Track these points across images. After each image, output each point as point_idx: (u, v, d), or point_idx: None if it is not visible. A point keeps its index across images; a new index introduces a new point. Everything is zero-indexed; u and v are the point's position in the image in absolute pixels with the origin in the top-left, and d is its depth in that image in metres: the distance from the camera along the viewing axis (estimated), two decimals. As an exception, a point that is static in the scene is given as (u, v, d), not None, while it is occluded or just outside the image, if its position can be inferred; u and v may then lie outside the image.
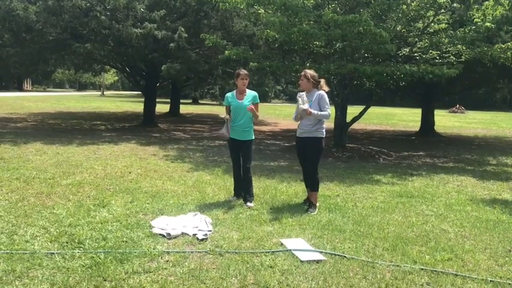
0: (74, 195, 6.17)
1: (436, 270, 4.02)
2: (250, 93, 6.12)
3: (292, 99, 59.63)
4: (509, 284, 3.81)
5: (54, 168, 8.00)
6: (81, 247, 4.25)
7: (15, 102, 29.05)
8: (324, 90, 5.93)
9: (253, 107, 5.97)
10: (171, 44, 13.41)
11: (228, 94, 6.25)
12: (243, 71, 6.13)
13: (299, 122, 6.05)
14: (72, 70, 23.93)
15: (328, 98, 6.03)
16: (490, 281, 3.85)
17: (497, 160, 11.85)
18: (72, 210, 5.46)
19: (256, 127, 7.71)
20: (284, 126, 20.90)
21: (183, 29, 13.41)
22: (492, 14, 10.27)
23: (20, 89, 59.33)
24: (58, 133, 13.79)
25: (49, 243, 4.33)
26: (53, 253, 4.06)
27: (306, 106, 5.74)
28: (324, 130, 5.95)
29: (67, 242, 4.36)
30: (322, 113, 5.80)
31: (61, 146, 10.92)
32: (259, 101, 6.21)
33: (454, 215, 6.00)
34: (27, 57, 14.76)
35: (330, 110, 5.98)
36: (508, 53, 9.96)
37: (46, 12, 13.06)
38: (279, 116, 27.85)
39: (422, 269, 4.05)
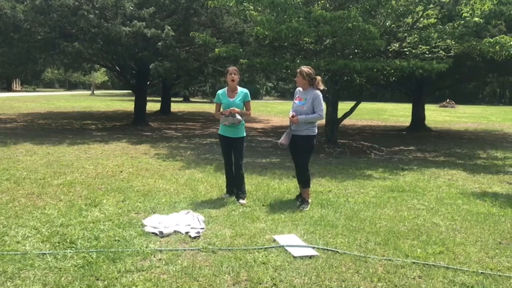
0: (65, 195, 6.14)
1: (427, 264, 4.05)
2: (241, 91, 6.10)
3: (283, 96, 59.71)
4: (500, 275, 3.86)
5: (45, 169, 7.95)
6: (73, 247, 4.23)
7: (4, 103, 28.78)
8: (319, 89, 5.91)
9: (237, 110, 5.94)
10: (159, 43, 13.35)
11: (220, 91, 6.23)
12: (232, 67, 6.11)
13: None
14: (62, 70, 23.76)
15: (323, 96, 6.02)
16: (481, 273, 3.89)
17: (487, 154, 11.96)
18: (64, 210, 5.43)
19: (248, 124, 7.72)
20: (276, 123, 20.92)
21: (169, 28, 13.34)
22: (480, 9, 10.33)
23: (9, 89, 58.75)
24: (48, 133, 13.70)
25: (41, 243, 4.31)
26: (45, 253, 4.04)
27: (291, 113, 5.89)
28: (315, 128, 5.96)
29: (59, 242, 4.34)
30: (311, 116, 5.79)
31: (51, 146, 10.85)
32: (250, 98, 6.18)
33: (445, 208, 6.05)
34: (15, 57, 14.62)
35: (323, 112, 5.98)
36: (497, 47, 10.01)
37: (34, 11, 12.92)
38: (270, 113, 27.86)
39: (414, 262, 4.08)
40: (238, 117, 5.91)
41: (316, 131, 5.98)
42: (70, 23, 13.23)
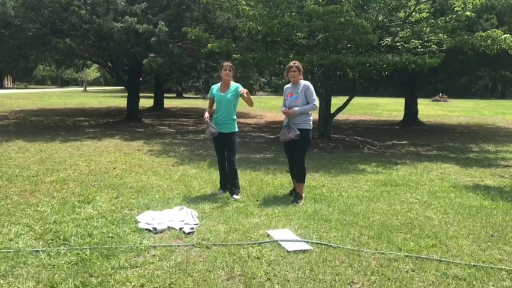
0: (58, 192, 6.11)
1: (420, 257, 4.08)
2: (234, 86, 6.10)
3: (276, 91, 59.67)
4: (492, 267, 3.89)
5: (38, 166, 7.91)
6: (66, 244, 4.22)
7: (-5, 100, 28.57)
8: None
9: (245, 92, 6.03)
10: (152, 39, 13.28)
11: (214, 86, 6.25)
12: (227, 63, 6.14)
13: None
14: (54, 66, 23.59)
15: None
16: (473, 265, 3.92)
17: (479, 147, 12.02)
18: (57, 207, 5.41)
19: (241, 120, 7.71)
20: (269, 118, 20.93)
21: (163, 23, 13.28)
22: (472, 3, 10.37)
23: (1, 86, 58.35)
24: (41, 130, 13.62)
25: (34, 241, 4.29)
26: (38, 251, 4.02)
27: (283, 109, 5.93)
28: (311, 122, 5.95)
29: (52, 240, 4.32)
30: (305, 107, 5.80)
31: (44, 143, 10.79)
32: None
33: (438, 202, 6.09)
34: (6, 54, 14.50)
35: (317, 101, 5.99)
36: (488, 41, 10.05)
37: (24, 7, 12.82)
38: (264, 108, 27.84)
39: (407, 256, 4.10)
40: (211, 130, 5.99)
41: (312, 125, 5.99)
42: (61, 19, 13.13)
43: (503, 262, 4.04)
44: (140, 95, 18.52)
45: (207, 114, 6.08)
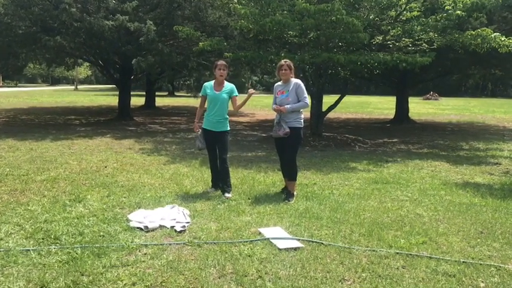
0: (49, 191, 6.08)
1: (411, 254, 4.11)
2: (228, 86, 6.10)
3: (268, 89, 59.65)
4: (481, 264, 3.93)
5: (28, 165, 7.86)
6: (57, 243, 4.20)
7: (-15, 99, 28.32)
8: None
9: (197, 126, 6.27)
10: (141, 39, 13.22)
11: (206, 84, 6.22)
12: (221, 61, 6.12)
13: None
14: (44, 64, 23.42)
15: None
16: (463, 262, 3.96)
17: (469, 145, 12.12)
18: (48, 206, 5.38)
19: (233, 118, 7.73)
20: (261, 116, 20.94)
21: (151, 22, 13.23)
22: (462, 2, 10.45)
23: (-10, 84, 57.88)
24: (31, 129, 13.53)
25: (24, 240, 4.26)
26: (29, 250, 4.00)
27: (274, 106, 5.97)
28: (302, 120, 5.97)
29: (43, 238, 4.30)
30: (297, 104, 5.82)
31: (34, 141, 10.72)
32: (237, 93, 6.17)
33: (428, 199, 6.13)
34: (-5, 52, 14.40)
35: (308, 99, 6.01)
36: (478, 39, 10.14)
37: (14, 4, 12.73)
38: (256, 106, 27.84)
39: (397, 253, 4.13)
40: (199, 145, 6.18)
41: (303, 123, 6.01)
42: (52, 16, 13.03)
43: (492, 258, 4.08)
44: (132, 93, 18.44)
45: (196, 125, 6.10)
